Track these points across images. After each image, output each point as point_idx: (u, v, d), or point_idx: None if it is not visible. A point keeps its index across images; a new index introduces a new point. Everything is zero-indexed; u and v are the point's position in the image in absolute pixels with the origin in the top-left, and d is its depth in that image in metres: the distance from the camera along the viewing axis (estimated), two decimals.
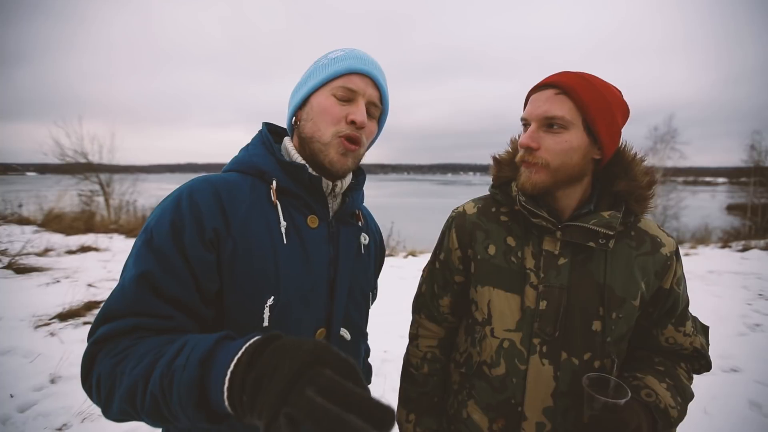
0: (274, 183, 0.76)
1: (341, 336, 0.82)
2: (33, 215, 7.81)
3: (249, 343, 0.47)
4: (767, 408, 2.46)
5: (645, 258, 0.88)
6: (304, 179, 0.78)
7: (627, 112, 0.87)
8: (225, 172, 0.80)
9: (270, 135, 0.83)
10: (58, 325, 3.09)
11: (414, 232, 8.77)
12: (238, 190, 0.74)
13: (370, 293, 0.93)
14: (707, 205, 24.84)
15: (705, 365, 0.94)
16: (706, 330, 0.98)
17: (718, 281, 5.46)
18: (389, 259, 7.01)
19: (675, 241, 0.92)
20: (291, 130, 0.85)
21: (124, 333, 0.62)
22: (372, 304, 0.98)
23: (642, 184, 0.87)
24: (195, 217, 0.68)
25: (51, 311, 3.27)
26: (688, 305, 0.94)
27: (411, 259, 7.12)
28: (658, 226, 0.94)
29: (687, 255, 7.72)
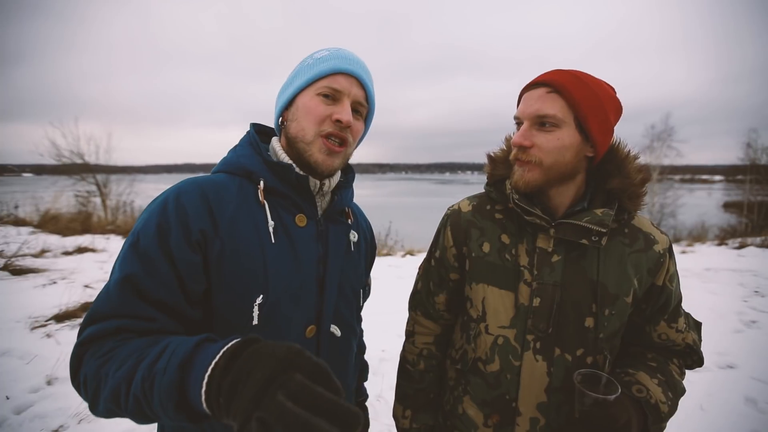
0: (262, 183, 0.77)
1: (331, 332, 0.83)
2: (29, 216, 7.78)
3: (226, 348, 0.48)
4: (763, 404, 2.48)
5: (638, 255, 0.88)
6: (291, 179, 0.78)
7: (620, 110, 0.87)
8: (214, 174, 0.81)
9: (257, 135, 0.84)
10: (55, 327, 3.08)
11: (412, 232, 8.78)
12: (225, 191, 0.75)
13: (361, 290, 0.94)
14: (704, 202, 24.94)
15: (697, 361, 0.95)
16: (698, 326, 0.99)
17: (715, 278, 5.49)
18: (387, 259, 7.01)
19: (668, 239, 0.92)
20: (278, 130, 0.86)
21: (108, 334, 0.63)
22: (364, 301, 0.98)
23: (635, 182, 0.87)
24: (181, 220, 0.69)
25: (47, 312, 3.26)
26: (680, 302, 0.94)
27: (409, 258, 7.12)
28: (652, 223, 0.94)
29: (684, 252, 7.75)
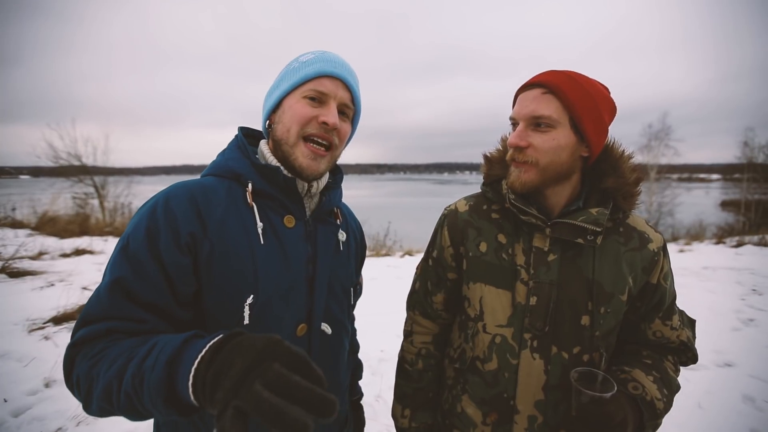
0: (250, 185, 0.78)
1: (322, 330, 0.84)
2: (27, 218, 7.76)
3: (211, 342, 0.50)
4: (761, 402, 2.49)
5: (633, 254, 0.89)
6: (278, 181, 0.79)
7: (614, 110, 0.88)
8: (203, 177, 0.82)
9: (246, 139, 0.85)
10: (53, 329, 3.07)
11: (410, 232, 8.79)
12: (214, 194, 0.76)
13: (351, 289, 0.95)
14: (701, 201, 25.03)
15: (692, 358, 0.96)
16: (692, 323, 0.99)
17: (713, 277, 5.51)
18: (386, 259, 7.01)
19: (662, 237, 0.93)
20: (266, 133, 0.87)
21: (99, 336, 0.64)
22: (356, 299, 0.99)
23: (629, 181, 0.88)
24: (170, 224, 0.70)
25: (45, 315, 3.25)
26: (675, 299, 0.95)
27: (408, 258, 7.13)
28: (646, 222, 0.95)
29: (682, 251, 7.78)
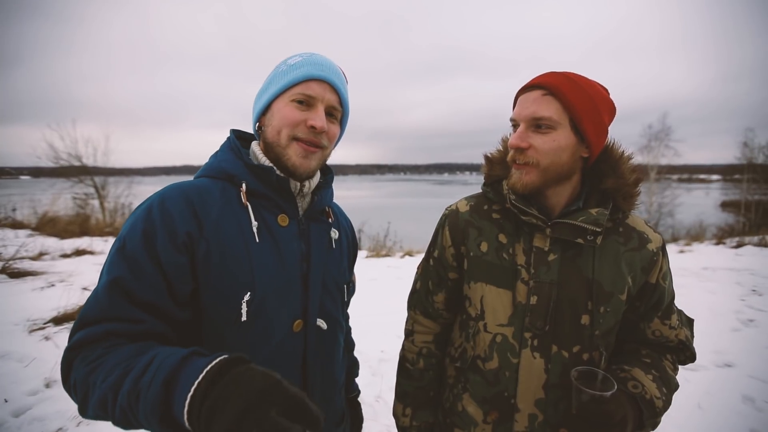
0: (244, 186, 0.79)
1: (318, 326, 0.85)
2: (27, 219, 7.76)
3: (209, 368, 0.51)
4: (760, 402, 2.49)
5: (632, 254, 0.90)
6: (271, 181, 0.81)
7: (613, 111, 0.89)
8: (196, 179, 0.83)
9: (238, 141, 0.86)
10: (53, 329, 3.07)
11: (411, 232, 8.79)
12: (208, 195, 0.77)
13: (345, 286, 0.96)
14: (702, 202, 25.03)
15: (690, 356, 0.96)
16: (691, 322, 1.00)
17: (713, 277, 5.51)
18: (386, 260, 7.01)
19: (661, 237, 0.93)
20: (257, 135, 0.88)
21: (97, 339, 0.64)
22: (350, 297, 1.01)
23: (629, 182, 0.89)
24: (166, 224, 0.70)
25: (46, 315, 3.25)
26: (673, 299, 0.95)
27: (408, 258, 7.13)
28: (645, 222, 0.96)
29: (682, 252, 7.78)
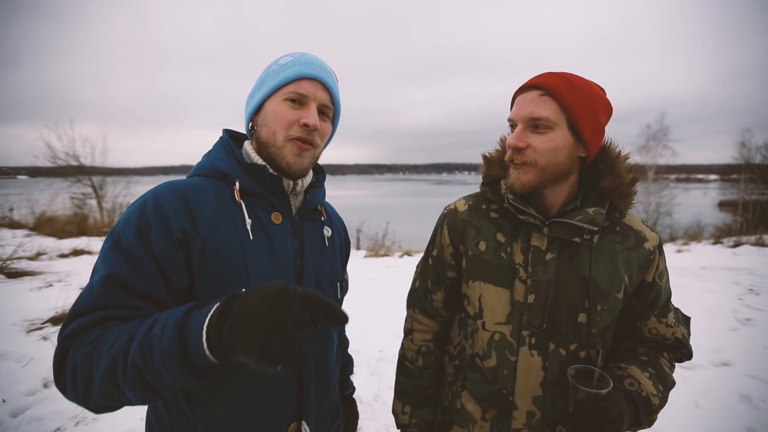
0: (237, 184, 0.80)
1: None
2: (24, 219, 7.73)
3: (218, 304, 0.57)
4: (757, 401, 2.50)
5: (629, 252, 0.90)
6: (265, 179, 0.81)
7: (610, 111, 0.90)
8: (189, 177, 0.83)
9: (231, 140, 0.87)
10: (51, 330, 3.06)
11: (409, 232, 8.80)
12: (202, 193, 0.77)
13: (338, 283, 0.97)
14: (699, 201, 25.12)
15: (686, 354, 0.97)
16: (687, 320, 1.01)
17: (710, 277, 5.53)
18: (385, 259, 7.02)
19: (658, 236, 0.94)
20: (250, 134, 0.89)
21: (93, 324, 0.64)
22: (343, 295, 1.01)
23: (626, 181, 0.90)
24: (161, 220, 0.71)
25: (43, 315, 3.24)
26: (670, 297, 0.96)
27: (406, 258, 7.14)
28: (642, 221, 0.97)
29: (680, 251, 7.81)
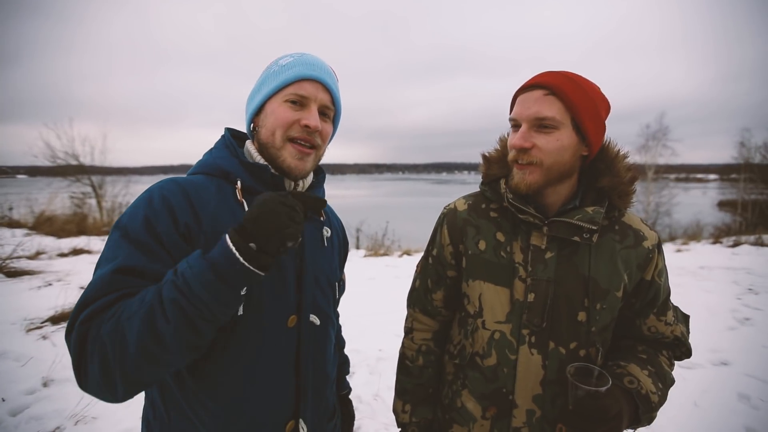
0: (239, 183, 0.80)
1: (311, 322, 0.86)
2: (24, 218, 7.73)
3: (226, 234, 0.65)
4: (756, 400, 2.51)
5: (628, 251, 0.90)
6: (266, 179, 0.82)
7: (609, 108, 0.90)
8: (190, 175, 0.83)
9: (233, 139, 0.87)
10: (51, 329, 3.06)
11: (409, 232, 8.79)
12: (204, 190, 0.78)
13: (336, 283, 0.97)
14: (699, 201, 25.14)
15: (685, 352, 0.97)
16: (686, 318, 1.01)
17: (710, 276, 5.54)
18: (384, 259, 7.02)
19: (657, 235, 0.94)
20: (251, 135, 0.89)
21: (110, 304, 0.64)
22: (340, 294, 1.02)
23: (624, 180, 0.90)
24: (168, 211, 0.71)
25: (43, 314, 3.24)
26: (669, 295, 0.96)
27: (406, 258, 7.14)
28: (641, 220, 0.97)
29: (679, 251, 7.82)
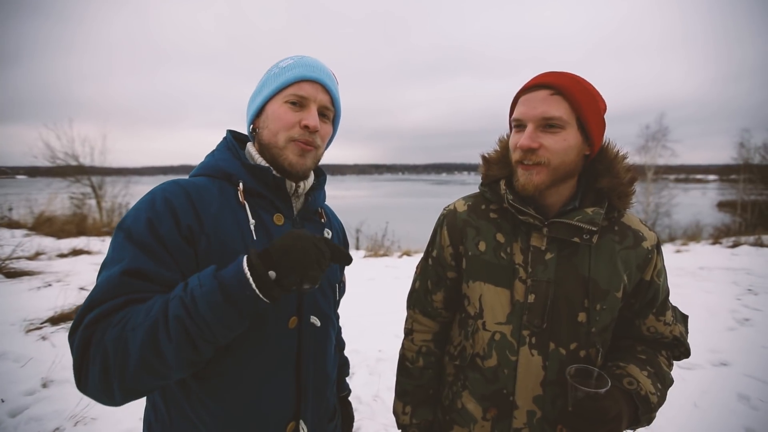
0: (241, 185, 0.80)
1: (312, 323, 0.86)
2: (23, 219, 7.72)
3: (245, 255, 0.64)
4: (755, 400, 2.51)
5: (627, 251, 0.91)
6: (268, 181, 0.82)
7: (606, 107, 0.91)
8: (192, 177, 0.84)
9: (234, 141, 0.88)
10: (50, 329, 3.06)
11: (408, 232, 8.78)
12: (206, 192, 0.78)
13: (336, 284, 0.98)
14: (698, 202, 25.15)
15: (684, 352, 0.97)
16: (685, 319, 1.01)
17: (709, 277, 5.54)
18: (384, 259, 7.02)
19: (656, 235, 0.94)
20: (252, 137, 0.90)
21: (116, 308, 0.63)
22: (340, 296, 1.02)
23: (624, 181, 0.90)
24: (171, 213, 0.71)
25: (42, 315, 3.23)
26: (668, 296, 0.97)
27: (406, 258, 7.14)
28: (640, 220, 0.97)
29: (678, 252, 7.82)
